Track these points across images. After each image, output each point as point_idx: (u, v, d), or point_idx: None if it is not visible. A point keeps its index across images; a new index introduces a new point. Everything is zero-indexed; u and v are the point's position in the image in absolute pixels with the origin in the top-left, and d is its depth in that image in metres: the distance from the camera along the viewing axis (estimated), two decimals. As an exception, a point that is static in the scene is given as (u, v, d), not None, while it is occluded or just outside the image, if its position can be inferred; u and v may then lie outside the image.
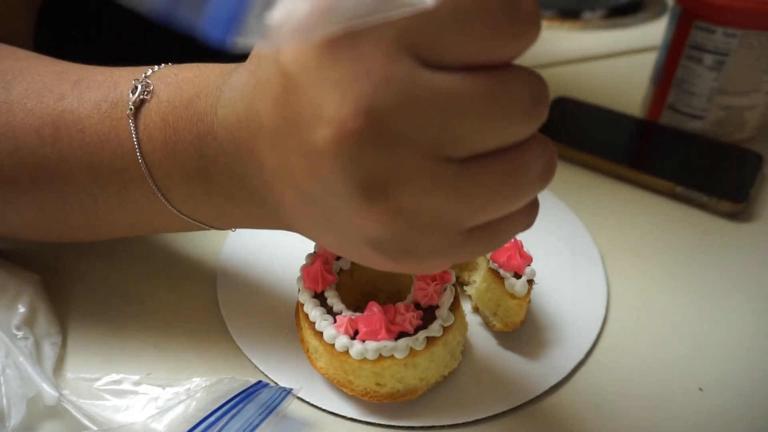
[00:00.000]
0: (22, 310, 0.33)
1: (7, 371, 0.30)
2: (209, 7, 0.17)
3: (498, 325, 0.34)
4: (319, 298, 0.32)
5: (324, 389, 0.32)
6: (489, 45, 0.19)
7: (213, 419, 0.28)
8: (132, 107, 0.28)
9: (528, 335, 0.35)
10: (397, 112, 0.19)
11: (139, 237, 0.41)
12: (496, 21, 0.18)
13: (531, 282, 0.33)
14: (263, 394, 0.30)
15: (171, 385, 0.30)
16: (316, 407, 0.31)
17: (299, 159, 0.22)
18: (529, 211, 0.23)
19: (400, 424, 0.30)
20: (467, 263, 0.37)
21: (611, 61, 0.68)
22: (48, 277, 0.36)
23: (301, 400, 0.31)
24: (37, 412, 0.30)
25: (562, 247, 0.41)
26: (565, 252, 0.41)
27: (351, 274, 0.34)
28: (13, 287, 0.34)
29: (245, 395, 0.29)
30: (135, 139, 0.28)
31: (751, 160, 0.49)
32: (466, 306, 0.36)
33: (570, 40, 0.72)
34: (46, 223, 0.32)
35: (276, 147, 0.23)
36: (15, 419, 0.29)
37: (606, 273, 0.39)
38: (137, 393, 0.30)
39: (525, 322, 0.34)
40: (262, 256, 0.40)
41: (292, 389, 0.30)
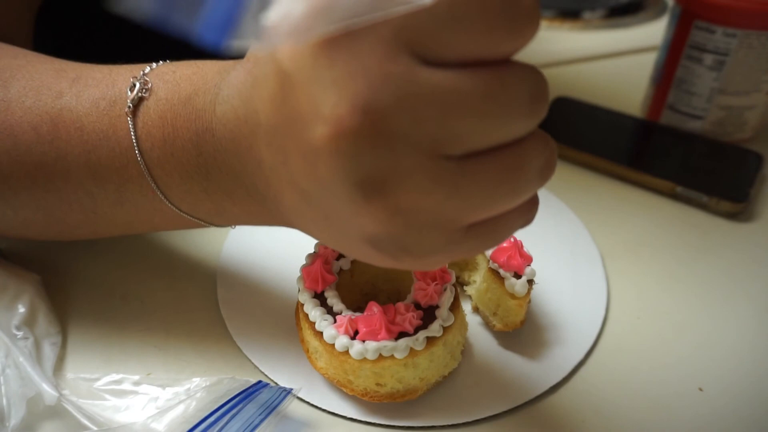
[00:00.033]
0: (22, 310, 0.33)
1: (7, 371, 0.30)
2: (204, 11, 0.17)
3: (498, 325, 0.34)
4: (319, 298, 0.32)
5: (324, 389, 0.32)
6: (487, 41, 0.19)
7: (213, 419, 0.28)
8: (130, 105, 0.28)
9: (528, 335, 0.35)
10: (395, 109, 0.19)
11: (139, 237, 0.41)
12: (494, 17, 0.18)
13: (531, 282, 0.33)
14: (263, 394, 0.30)
15: (171, 385, 0.30)
16: (316, 407, 0.31)
17: (297, 157, 0.22)
18: (529, 208, 0.23)
19: (400, 424, 0.30)
20: (467, 263, 0.37)
21: (611, 61, 0.68)
22: (48, 277, 0.36)
23: (301, 400, 0.31)
24: (37, 412, 0.30)
25: (562, 247, 0.41)
26: (565, 252, 0.41)
27: (351, 274, 0.34)
28: (13, 287, 0.34)
29: (245, 395, 0.29)
30: (133, 137, 0.28)
31: (751, 160, 0.49)
32: (466, 306, 0.36)
33: (570, 40, 0.72)
34: (44, 221, 0.32)
35: (274, 145, 0.23)
36: (15, 419, 0.29)
37: (606, 273, 0.39)
38: (137, 393, 0.30)
39: (525, 322, 0.34)
40: (262, 256, 0.40)
41: (292, 389, 0.30)
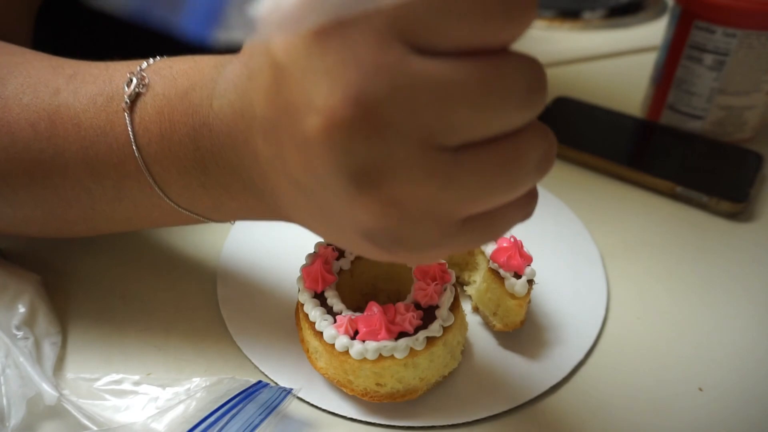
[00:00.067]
0: (22, 310, 0.33)
1: (7, 371, 0.30)
2: (187, 3, 0.16)
3: (498, 325, 0.34)
4: (319, 298, 0.32)
5: (324, 389, 0.32)
6: (482, 30, 0.18)
7: (213, 419, 0.28)
8: (127, 101, 0.28)
9: (528, 335, 0.35)
10: (388, 100, 0.18)
11: (139, 237, 0.41)
12: (489, 4, 0.18)
13: (531, 282, 0.33)
14: (263, 394, 0.30)
15: (171, 385, 0.30)
16: (316, 407, 0.31)
17: (292, 149, 0.21)
18: (527, 202, 0.22)
19: (400, 424, 0.30)
20: (467, 263, 0.37)
21: (611, 61, 0.68)
22: (48, 277, 0.36)
23: (301, 400, 0.31)
24: (37, 412, 0.30)
25: (562, 247, 0.41)
26: (565, 252, 0.41)
27: (351, 274, 0.34)
28: (13, 287, 0.34)
29: (245, 395, 0.29)
30: (131, 133, 0.28)
31: (751, 160, 0.49)
32: (466, 306, 0.36)
33: (570, 40, 0.72)
34: (43, 218, 0.32)
35: (269, 137, 0.23)
36: (15, 419, 0.29)
37: (606, 273, 0.39)
38: (137, 393, 0.30)
39: (525, 322, 0.34)
40: (262, 256, 0.40)
41: (292, 389, 0.30)
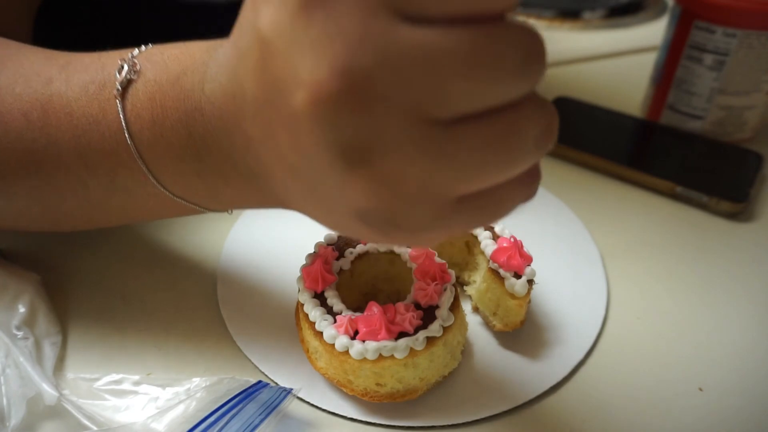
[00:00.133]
0: (22, 310, 0.33)
1: (7, 371, 0.30)
2: None
3: (498, 325, 0.34)
4: (319, 298, 0.32)
5: (324, 389, 0.32)
6: None
7: (213, 419, 0.28)
8: (119, 87, 0.27)
9: (528, 335, 0.35)
10: (376, 71, 0.17)
11: (140, 237, 0.41)
12: None
13: (531, 282, 0.33)
14: (263, 394, 0.30)
15: (171, 385, 0.30)
16: (316, 407, 0.31)
17: (281, 128, 0.21)
18: (529, 181, 0.21)
19: (400, 424, 0.30)
20: (467, 263, 0.37)
21: (611, 61, 0.68)
22: (48, 277, 0.36)
23: (301, 400, 0.31)
24: (37, 412, 0.30)
25: (562, 247, 0.41)
26: (565, 252, 0.41)
27: (351, 274, 0.34)
28: (13, 287, 0.34)
29: (245, 395, 0.29)
30: (122, 120, 0.27)
31: (751, 160, 0.49)
32: (466, 306, 0.36)
33: (570, 40, 0.72)
34: (39, 211, 0.32)
35: (259, 118, 0.22)
36: (15, 419, 0.29)
37: (606, 273, 0.39)
38: (137, 393, 0.30)
39: (525, 322, 0.34)
40: (262, 256, 0.40)
41: (292, 389, 0.30)
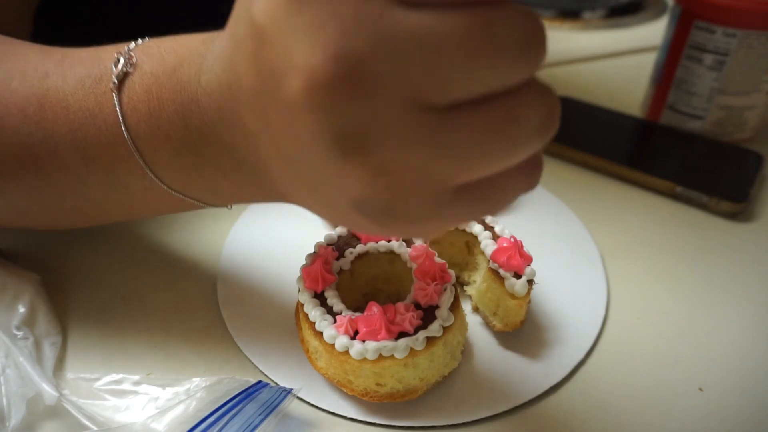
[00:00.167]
0: (22, 310, 0.33)
1: (7, 371, 0.30)
2: None
3: (498, 325, 0.34)
4: (319, 298, 0.32)
5: (324, 389, 0.32)
6: None
7: (213, 419, 0.28)
8: (115, 81, 0.27)
9: (528, 335, 0.35)
10: (371, 56, 0.17)
11: (140, 237, 0.41)
12: None
13: (531, 282, 0.33)
14: (263, 394, 0.30)
15: (171, 385, 0.30)
16: (316, 407, 0.31)
17: (276, 117, 0.20)
18: (530, 170, 0.21)
19: (400, 424, 0.30)
20: (467, 263, 0.37)
21: (611, 61, 0.68)
22: (48, 277, 0.36)
23: (301, 400, 0.31)
24: (37, 412, 0.30)
25: (562, 247, 0.41)
26: (565, 252, 0.41)
27: (351, 274, 0.34)
28: (13, 287, 0.34)
29: (245, 395, 0.29)
30: (119, 113, 0.27)
31: (751, 160, 0.49)
32: (466, 306, 0.36)
33: (570, 40, 0.72)
34: (38, 209, 0.32)
35: (256, 109, 0.22)
36: (15, 419, 0.29)
37: (606, 273, 0.39)
38: (137, 393, 0.30)
39: (525, 322, 0.34)
40: (262, 256, 0.40)
41: (292, 389, 0.30)
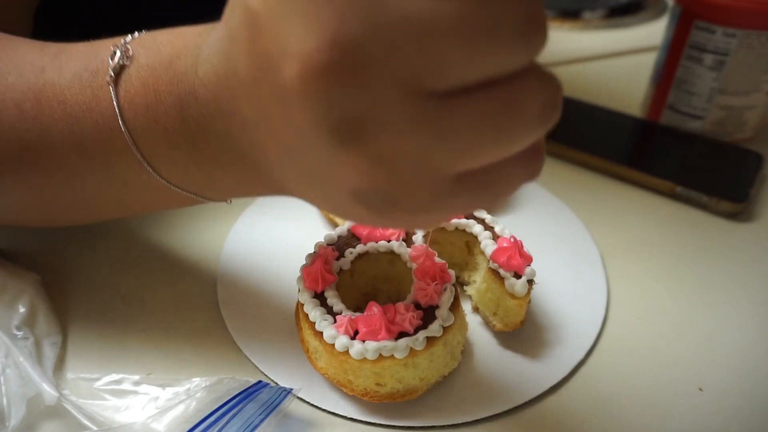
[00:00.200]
0: (22, 310, 0.33)
1: (7, 371, 0.30)
2: None
3: (498, 325, 0.34)
4: (319, 298, 0.32)
5: (324, 389, 0.32)
6: None
7: (213, 419, 0.28)
8: (111, 74, 0.27)
9: (528, 335, 0.35)
10: (367, 41, 0.17)
11: (140, 237, 0.41)
12: None
13: (531, 282, 0.33)
14: (263, 394, 0.30)
15: (171, 385, 0.30)
16: (316, 407, 0.31)
17: (273, 106, 0.20)
18: (532, 159, 0.20)
19: (400, 424, 0.30)
20: (467, 263, 0.37)
21: (611, 61, 0.68)
22: (48, 277, 0.36)
23: (301, 400, 0.31)
24: (37, 412, 0.30)
25: (562, 247, 0.41)
26: (565, 252, 0.41)
27: (351, 274, 0.34)
28: (13, 287, 0.34)
29: (245, 395, 0.29)
30: (116, 106, 0.27)
31: (751, 160, 0.49)
32: (466, 306, 0.36)
33: (570, 40, 0.72)
34: (36, 205, 0.32)
35: (252, 97, 0.22)
36: (15, 419, 0.29)
37: (606, 273, 0.39)
38: (137, 393, 0.30)
39: (525, 322, 0.34)
40: (262, 256, 0.40)
41: (292, 389, 0.30)
